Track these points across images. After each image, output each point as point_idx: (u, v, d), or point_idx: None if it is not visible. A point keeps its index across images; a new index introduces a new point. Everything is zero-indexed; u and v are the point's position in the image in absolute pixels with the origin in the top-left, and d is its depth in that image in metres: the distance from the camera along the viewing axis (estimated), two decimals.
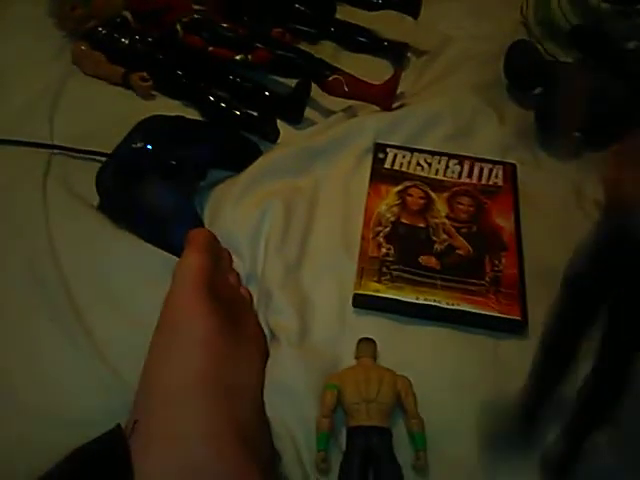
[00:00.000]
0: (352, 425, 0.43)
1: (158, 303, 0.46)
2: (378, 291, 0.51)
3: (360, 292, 0.51)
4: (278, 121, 0.65)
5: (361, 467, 0.42)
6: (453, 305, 0.50)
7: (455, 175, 0.60)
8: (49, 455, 0.37)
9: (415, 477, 0.42)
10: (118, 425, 0.40)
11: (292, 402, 0.45)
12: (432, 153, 0.62)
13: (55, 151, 0.61)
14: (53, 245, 0.53)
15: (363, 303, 0.51)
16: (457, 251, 0.54)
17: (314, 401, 0.45)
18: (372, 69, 0.72)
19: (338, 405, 0.44)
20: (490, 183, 0.60)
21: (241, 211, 0.56)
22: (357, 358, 0.47)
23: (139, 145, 0.57)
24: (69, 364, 0.47)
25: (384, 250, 0.53)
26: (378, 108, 0.67)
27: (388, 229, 0.55)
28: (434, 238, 0.54)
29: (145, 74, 0.68)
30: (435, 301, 0.50)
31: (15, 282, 0.52)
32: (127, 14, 0.74)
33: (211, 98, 0.66)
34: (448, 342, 0.49)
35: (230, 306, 0.47)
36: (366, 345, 0.48)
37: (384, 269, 0.52)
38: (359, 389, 0.44)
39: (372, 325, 0.50)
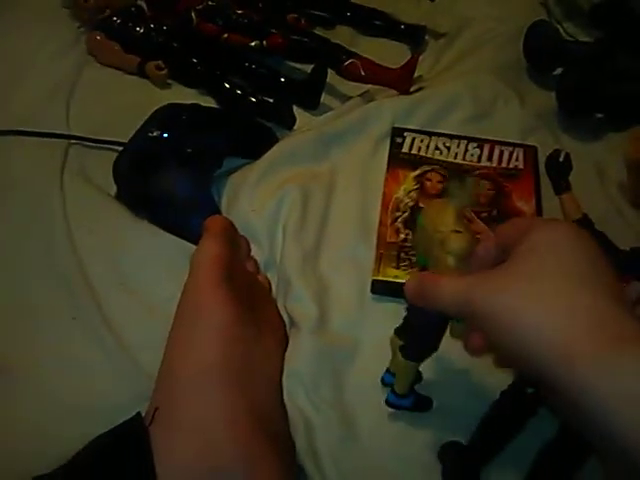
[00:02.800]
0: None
1: (176, 291, 0.46)
2: (397, 277, 0.50)
3: (379, 278, 0.50)
4: (294, 107, 0.64)
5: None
6: None
7: (475, 158, 0.59)
8: (69, 444, 0.38)
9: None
10: (138, 413, 0.40)
11: (310, 389, 0.45)
12: (451, 137, 0.61)
13: (72, 141, 0.62)
14: (71, 235, 0.53)
15: (382, 289, 0.51)
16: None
17: (332, 388, 0.45)
18: (389, 53, 0.71)
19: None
20: (510, 166, 0.59)
21: (258, 198, 0.56)
22: None
23: (155, 134, 0.57)
24: (88, 353, 0.47)
25: (402, 235, 0.53)
26: (396, 92, 0.66)
27: (406, 214, 0.54)
28: None
29: (160, 63, 0.68)
30: None
31: (34, 272, 0.52)
32: (141, 3, 0.74)
33: (227, 85, 0.66)
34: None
35: (248, 293, 0.47)
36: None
37: (403, 255, 0.52)
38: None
39: (391, 311, 0.49)
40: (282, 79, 0.66)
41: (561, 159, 0.54)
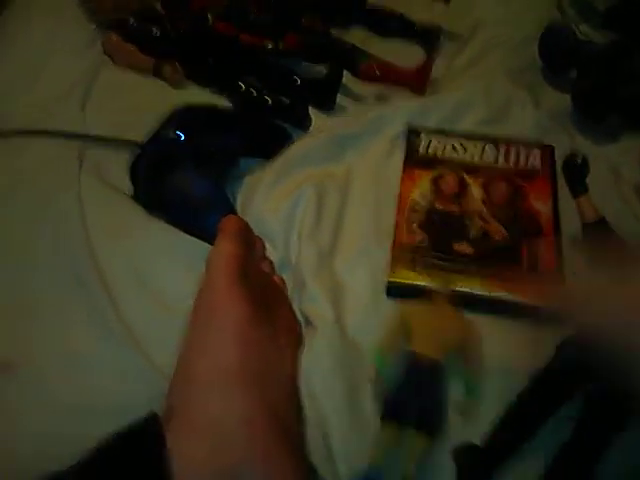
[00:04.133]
0: (412, 353, 0.45)
1: (192, 290, 0.45)
2: (412, 279, 0.50)
3: (394, 280, 0.50)
4: (310, 108, 0.64)
5: (408, 392, 0.43)
6: (489, 293, 0.49)
7: (491, 159, 0.59)
8: (84, 443, 0.37)
9: (458, 421, 0.44)
10: (153, 412, 0.40)
11: (326, 390, 0.45)
12: (467, 137, 0.61)
13: (88, 141, 0.62)
14: (88, 235, 0.53)
15: (397, 291, 0.51)
16: (493, 237, 0.53)
17: (347, 389, 0.45)
18: (404, 54, 0.71)
19: (404, 335, 0.46)
20: (527, 166, 0.58)
21: (273, 199, 0.56)
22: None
23: (172, 134, 0.57)
24: (104, 352, 0.48)
25: (418, 237, 0.53)
26: (411, 93, 0.66)
27: (422, 215, 0.54)
28: (469, 224, 0.54)
29: (176, 64, 0.69)
30: (470, 289, 0.50)
31: (51, 272, 0.52)
32: (157, 4, 0.74)
33: (242, 86, 0.66)
34: (486, 328, 0.48)
35: (264, 294, 0.46)
36: (438, 295, 0.48)
37: (418, 257, 0.51)
38: (426, 323, 0.46)
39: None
40: (298, 80, 0.66)
41: (578, 162, 0.54)
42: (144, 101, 0.67)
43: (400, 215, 0.54)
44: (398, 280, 0.50)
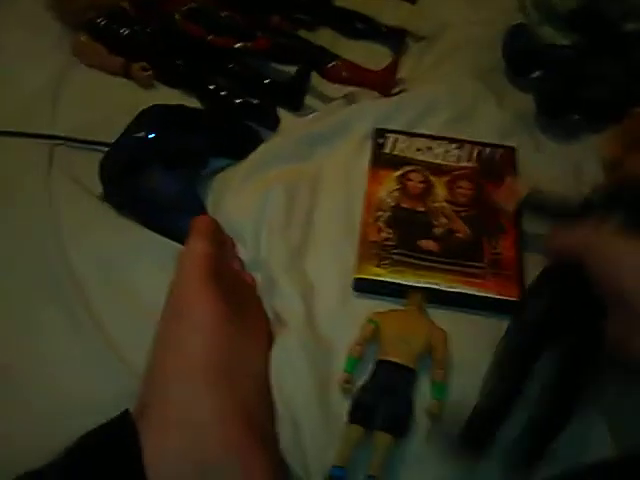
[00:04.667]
0: (380, 358, 0.47)
1: (163, 290, 0.46)
2: (378, 275, 0.51)
3: (360, 276, 0.52)
4: (278, 108, 0.65)
5: (376, 395, 0.45)
6: (453, 287, 0.51)
7: (455, 159, 0.60)
8: (57, 443, 0.38)
9: (426, 422, 0.45)
10: (126, 410, 0.40)
11: (296, 386, 0.46)
12: (432, 137, 0.62)
13: (58, 142, 0.62)
14: (58, 235, 0.54)
15: (364, 287, 0.52)
16: (456, 234, 0.54)
17: (318, 385, 0.46)
18: (371, 55, 0.72)
19: (374, 340, 0.48)
20: (490, 166, 0.60)
21: (243, 198, 0.57)
22: (406, 306, 0.50)
23: (141, 134, 0.57)
24: (75, 352, 0.48)
25: (384, 234, 0.54)
26: (378, 94, 0.67)
27: (388, 213, 0.55)
28: (434, 222, 0.55)
29: (145, 64, 0.69)
30: (435, 284, 0.51)
31: (21, 272, 0.52)
32: (125, 4, 0.74)
33: (211, 87, 0.66)
34: (449, 324, 0.49)
35: (234, 292, 0.47)
36: (414, 295, 0.50)
37: (384, 253, 0.53)
38: (396, 328, 0.48)
39: (374, 309, 0.50)
40: (266, 80, 0.67)
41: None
42: (113, 101, 0.67)
43: (367, 213, 0.56)
44: (365, 276, 0.52)
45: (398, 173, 0.59)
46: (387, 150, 0.61)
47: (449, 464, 0.43)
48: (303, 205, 0.57)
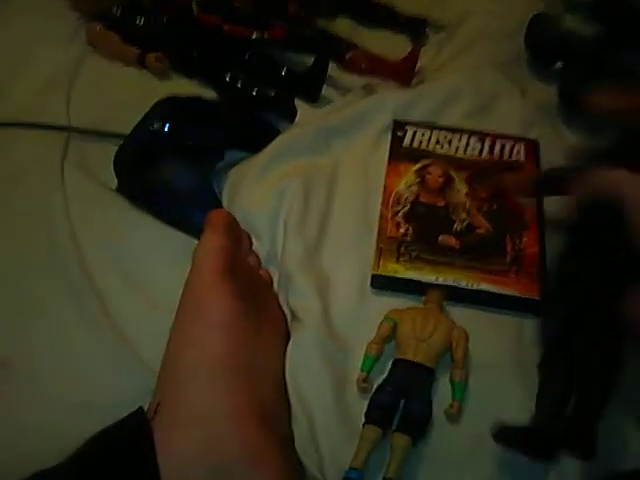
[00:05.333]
0: (398, 357, 0.46)
1: (178, 285, 0.46)
2: (396, 272, 0.50)
3: (378, 273, 0.51)
4: (295, 100, 0.64)
5: (393, 395, 0.44)
6: (473, 285, 0.50)
7: (476, 152, 0.59)
8: (71, 440, 0.38)
9: (445, 424, 0.44)
10: (140, 407, 0.40)
11: (312, 384, 0.45)
12: (452, 130, 0.61)
13: (72, 133, 0.61)
14: (72, 229, 0.53)
15: (382, 284, 0.51)
16: (477, 230, 0.53)
17: (334, 382, 0.45)
18: (390, 45, 0.71)
19: (391, 338, 0.47)
20: (512, 159, 0.59)
21: (259, 192, 0.56)
22: (425, 304, 0.49)
23: (156, 127, 0.56)
24: (90, 348, 0.48)
25: (402, 230, 0.53)
26: (397, 84, 0.66)
27: (407, 208, 0.54)
28: (453, 217, 0.54)
29: (160, 54, 0.68)
30: (455, 281, 0.50)
31: (36, 267, 0.52)
32: None
33: (227, 78, 0.66)
34: (469, 322, 0.48)
35: (250, 288, 0.47)
36: (434, 292, 0.49)
37: (402, 249, 0.52)
38: (414, 327, 0.46)
39: (392, 306, 0.49)
40: (283, 71, 0.66)
41: None
42: (128, 92, 0.66)
43: (385, 207, 0.54)
44: (383, 273, 0.50)
45: (417, 167, 0.58)
46: (406, 143, 0.60)
47: (468, 467, 0.43)
48: (320, 199, 0.56)
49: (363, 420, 0.43)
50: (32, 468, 0.37)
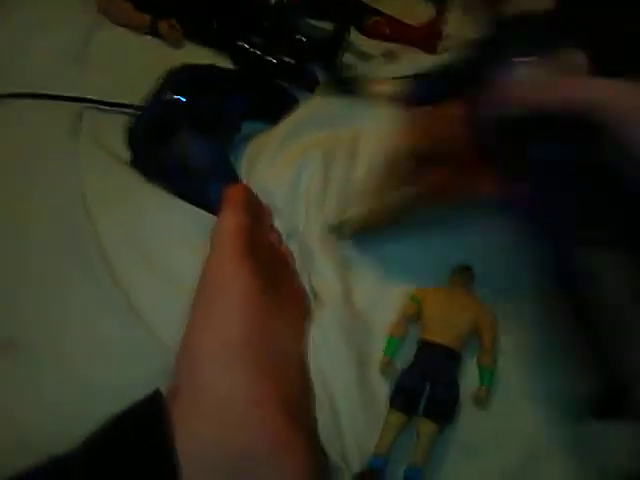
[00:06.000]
0: (423, 339, 0.44)
1: (195, 263, 0.44)
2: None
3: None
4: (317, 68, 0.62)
5: (418, 379, 0.42)
6: None
7: None
8: (87, 424, 0.37)
9: (472, 409, 0.43)
10: (157, 390, 0.39)
11: (334, 366, 0.43)
12: None
13: (85, 104, 0.59)
14: (86, 204, 0.51)
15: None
16: None
17: (357, 365, 0.44)
18: (413, 11, 0.69)
19: (416, 318, 0.45)
20: None
21: (279, 165, 0.54)
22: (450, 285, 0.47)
23: (170, 97, 0.55)
24: (106, 330, 0.46)
25: None
26: (421, 52, 0.64)
27: None
28: None
29: (174, 21, 0.66)
30: None
31: (50, 244, 0.50)
32: None
33: (244, 45, 0.64)
34: (496, 305, 0.46)
35: (271, 267, 0.45)
36: (460, 273, 0.47)
37: None
38: (439, 307, 0.45)
39: (415, 286, 0.47)
40: (303, 38, 0.64)
41: None
42: (141, 61, 0.64)
43: None
44: None
45: None
46: None
47: (496, 454, 0.41)
48: (342, 173, 0.54)
49: (388, 405, 0.42)
50: (47, 451, 0.36)
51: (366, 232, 0.49)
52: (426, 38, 0.63)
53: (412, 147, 0.44)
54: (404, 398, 0.42)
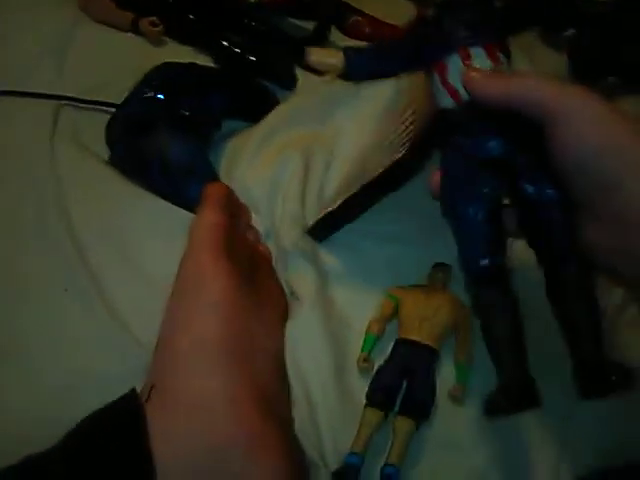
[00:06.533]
0: (401, 337, 0.44)
1: (173, 262, 0.44)
2: None
3: None
4: (296, 67, 0.62)
5: (395, 376, 0.42)
6: None
7: None
8: (62, 423, 0.36)
9: (448, 406, 0.43)
10: (133, 389, 0.39)
11: (312, 364, 0.44)
12: None
13: (63, 102, 0.59)
14: (63, 202, 0.51)
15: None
16: None
17: (335, 363, 0.44)
18: (394, 10, 0.68)
19: (394, 316, 0.46)
20: None
21: (258, 164, 0.54)
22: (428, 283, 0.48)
23: (150, 95, 0.54)
24: (82, 327, 0.46)
25: None
26: None
27: None
28: None
29: (155, 19, 0.66)
30: None
31: (25, 241, 0.50)
32: None
33: (225, 43, 0.63)
34: None
35: (249, 265, 0.45)
36: (438, 271, 0.47)
37: None
38: (417, 305, 0.45)
39: (394, 283, 0.47)
40: (283, 37, 0.64)
41: None
42: (121, 59, 0.64)
43: None
44: None
45: None
46: None
47: (473, 451, 0.41)
48: (321, 172, 0.54)
49: (364, 402, 0.42)
50: (23, 452, 0.35)
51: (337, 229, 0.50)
52: None
53: None
54: (381, 395, 0.42)
